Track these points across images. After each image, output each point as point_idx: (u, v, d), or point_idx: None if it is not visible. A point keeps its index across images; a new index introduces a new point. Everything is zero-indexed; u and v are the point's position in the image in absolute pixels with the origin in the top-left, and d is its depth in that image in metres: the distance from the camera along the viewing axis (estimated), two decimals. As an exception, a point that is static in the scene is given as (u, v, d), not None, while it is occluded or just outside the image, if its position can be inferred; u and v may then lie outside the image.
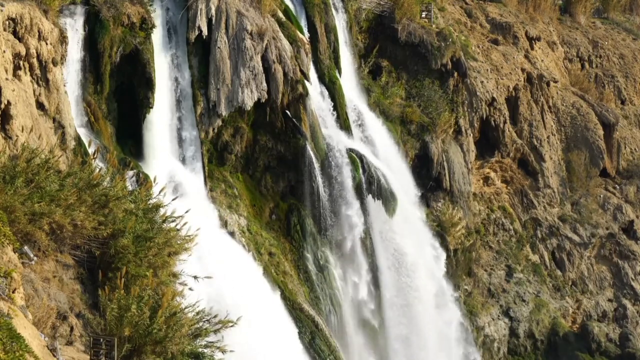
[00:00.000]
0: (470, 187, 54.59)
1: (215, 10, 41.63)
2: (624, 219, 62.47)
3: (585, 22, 73.17)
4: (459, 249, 53.22)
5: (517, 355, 55.34)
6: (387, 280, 47.06)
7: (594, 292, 59.92)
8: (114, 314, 20.29)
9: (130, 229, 22.52)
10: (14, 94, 30.55)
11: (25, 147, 23.44)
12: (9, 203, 20.67)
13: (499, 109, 57.46)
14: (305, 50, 44.64)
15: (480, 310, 54.17)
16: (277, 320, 39.37)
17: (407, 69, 53.95)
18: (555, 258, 59.81)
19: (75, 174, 23.20)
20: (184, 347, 20.92)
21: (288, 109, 43.59)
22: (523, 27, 64.56)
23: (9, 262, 18.55)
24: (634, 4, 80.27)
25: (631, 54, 72.62)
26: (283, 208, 44.55)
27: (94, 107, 37.83)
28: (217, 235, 39.29)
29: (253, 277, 39.86)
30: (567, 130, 63.62)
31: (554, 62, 66.55)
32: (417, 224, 49.86)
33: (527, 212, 59.54)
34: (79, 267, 22.68)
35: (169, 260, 23.47)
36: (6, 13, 31.56)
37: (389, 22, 53.41)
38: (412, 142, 51.45)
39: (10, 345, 15.55)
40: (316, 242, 44.39)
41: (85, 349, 20.34)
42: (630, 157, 66.53)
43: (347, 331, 44.74)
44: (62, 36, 35.55)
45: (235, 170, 43.56)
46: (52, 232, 21.84)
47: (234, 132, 43.01)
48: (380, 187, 45.97)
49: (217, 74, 41.48)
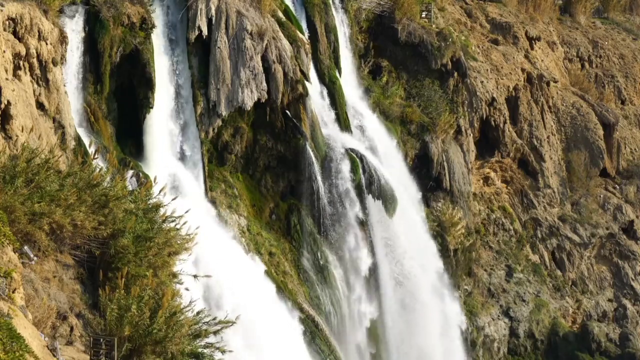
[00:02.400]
0: (470, 187, 54.59)
1: (215, 10, 41.62)
2: (624, 219, 62.47)
3: (585, 22, 73.17)
4: (459, 249, 53.21)
5: (517, 355, 55.34)
6: (387, 279, 47.06)
7: (594, 292, 59.93)
8: (114, 314, 20.28)
9: (130, 229, 22.50)
10: (14, 94, 30.55)
11: (25, 147, 23.42)
12: (9, 203, 20.66)
13: (499, 109, 57.46)
14: (305, 50, 44.64)
15: (480, 310, 54.16)
16: (278, 320, 39.37)
17: (407, 69, 53.97)
18: (555, 258, 59.80)
19: (75, 174, 23.17)
20: (184, 347, 20.91)
21: (288, 109, 43.58)
22: (523, 27, 64.56)
23: (9, 262, 18.54)
24: (634, 4, 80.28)
25: (631, 54, 72.63)
26: (283, 208, 44.54)
27: (94, 107, 37.82)
28: (217, 235, 39.26)
29: (253, 277, 39.85)
30: (567, 130, 63.62)
31: (554, 62, 66.55)
32: (417, 223, 49.85)
33: (527, 212, 59.53)
34: (79, 267, 22.67)
35: (168, 260, 23.46)
36: (6, 13, 31.56)
37: (389, 22, 53.42)
38: (412, 142, 51.46)
39: (10, 345, 15.54)
40: (316, 242, 44.38)
41: (85, 349, 20.34)
42: (630, 157, 66.54)
43: (347, 331, 44.75)
44: (62, 36, 35.52)
45: (235, 170, 43.55)
46: (52, 232, 21.82)
47: (234, 132, 43.00)
48: (380, 187, 45.96)
49: (217, 74, 41.47)
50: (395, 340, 47.32)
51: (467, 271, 54.76)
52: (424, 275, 48.90)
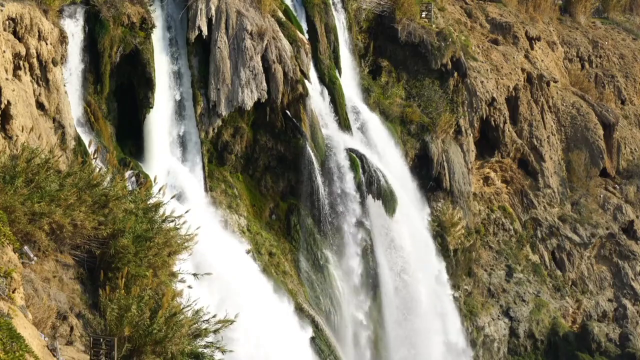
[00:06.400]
0: (470, 187, 54.59)
1: (215, 10, 41.62)
2: (624, 219, 62.48)
3: (585, 22, 73.18)
4: (459, 249, 53.21)
5: (517, 355, 55.33)
6: (387, 279, 47.07)
7: (594, 292, 59.93)
8: (114, 314, 20.28)
9: (130, 229, 22.50)
10: (14, 94, 30.56)
11: (25, 147, 23.41)
12: (9, 203, 20.65)
13: (499, 109, 57.47)
14: (305, 50, 44.64)
15: (480, 310, 54.16)
16: (279, 319, 39.38)
17: (407, 69, 53.96)
18: (555, 258, 59.81)
19: (75, 174, 23.16)
20: (184, 347, 20.90)
21: (288, 109, 43.58)
22: (523, 27, 64.56)
23: (9, 262, 18.54)
24: (634, 4, 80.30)
25: (631, 54, 72.64)
26: (283, 208, 44.55)
27: (94, 107, 37.82)
28: (217, 235, 39.27)
29: (253, 276, 39.86)
30: (567, 130, 63.63)
31: (554, 62, 66.56)
32: (416, 224, 49.85)
33: (527, 212, 59.53)
34: (79, 267, 22.67)
35: (168, 260, 23.45)
36: (6, 13, 31.56)
37: (389, 22, 53.42)
38: (412, 142, 51.45)
39: (10, 345, 15.54)
40: (316, 242, 44.38)
41: (85, 349, 20.33)
42: (630, 157, 66.55)
43: (347, 331, 44.76)
44: (62, 36, 35.54)
45: (235, 170, 43.55)
46: (52, 232, 21.81)
47: (234, 132, 43.01)
48: (380, 187, 45.96)
49: (217, 74, 41.47)
50: (395, 339, 47.33)
51: (467, 271, 54.76)
52: (424, 275, 48.91)
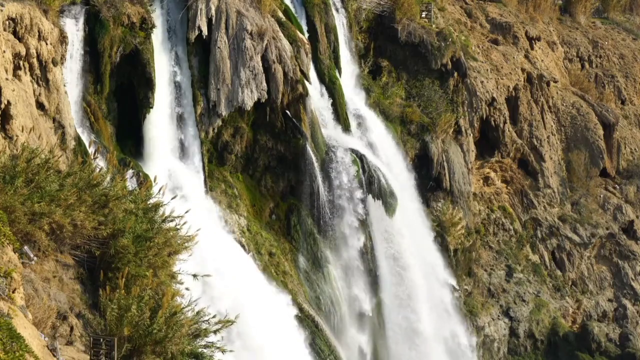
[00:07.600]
0: (470, 187, 54.58)
1: (215, 10, 41.63)
2: (624, 219, 62.48)
3: (585, 22, 73.18)
4: (459, 249, 53.21)
5: (517, 355, 55.33)
6: (387, 279, 47.07)
7: (594, 292, 59.92)
8: (114, 314, 20.27)
9: (130, 229, 22.49)
10: (14, 94, 30.56)
11: (25, 147, 23.41)
12: (9, 203, 20.65)
13: (499, 109, 57.46)
14: (305, 50, 44.63)
15: (480, 310, 54.16)
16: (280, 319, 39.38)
17: (407, 69, 53.96)
18: (555, 258, 59.80)
19: (75, 174, 23.16)
20: (184, 347, 20.89)
21: (288, 109, 43.58)
22: (523, 27, 64.56)
23: (9, 262, 18.54)
24: (634, 4, 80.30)
25: (631, 54, 72.64)
26: (283, 208, 44.56)
27: (94, 107, 37.83)
28: (217, 235, 39.27)
29: (253, 276, 39.86)
30: (567, 130, 63.62)
31: (554, 62, 66.55)
32: (416, 223, 49.85)
33: (527, 212, 59.53)
34: (79, 267, 22.66)
35: (168, 260, 23.45)
36: (6, 13, 31.56)
37: (389, 22, 53.42)
38: (412, 142, 51.44)
39: (10, 345, 15.54)
40: (316, 242, 44.39)
41: (85, 349, 20.33)
42: (630, 157, 66.54)
43: (347, 331, 44.76)
44: (62, 36, 35.54)
45: (235, 170, 43.56)
46: (52, 232, 21.81)
47: (234, 132, 43.00)
48: (380, 187, 45.96)
49: (217, 74, 41.47)
50: (395, 339, 47.32)
51: (467, 271, 54.76)
52: (424, 275, 48.91)
